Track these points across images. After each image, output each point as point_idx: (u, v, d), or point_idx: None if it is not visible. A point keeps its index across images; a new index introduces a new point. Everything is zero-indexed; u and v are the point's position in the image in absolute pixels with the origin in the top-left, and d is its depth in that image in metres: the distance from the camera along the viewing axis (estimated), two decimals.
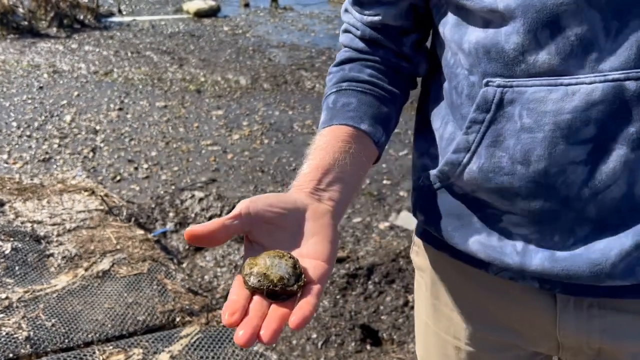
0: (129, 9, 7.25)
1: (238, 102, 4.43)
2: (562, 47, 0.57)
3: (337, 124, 0.68)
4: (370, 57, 0.74)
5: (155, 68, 5.11)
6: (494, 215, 0.68)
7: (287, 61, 5.42)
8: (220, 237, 0.54)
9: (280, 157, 3.56)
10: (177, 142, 3.72)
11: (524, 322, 0.74)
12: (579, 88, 0.57)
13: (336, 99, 0.71)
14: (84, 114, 4.09)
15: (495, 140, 0.63)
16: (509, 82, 0.61)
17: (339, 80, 0.73)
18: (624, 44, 0.55)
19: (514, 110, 0.61)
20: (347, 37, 0.76)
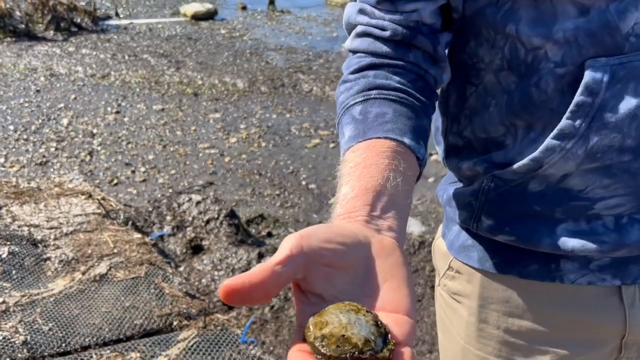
0: (126, 12, 7.25)
1: (235, 105, 4.43)
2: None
3: (374, 137, 0.57)
4: (398, 62, 0.65)
5: (152, 71, 5.11)
6: (582, 207, 0.65)
7: (284, 64, 5.43)
8: (269, 290, 0.41)
9: (278, 160, 3.56)
10: (175, 146, 3.72)
11: (590, 329, 0.72)
12: None
13: (365, 109, 0.61)
14: (81, 117, 4.09)
15: (607, 121, 0.60)
16: (619, 60, 0.58)
17: (364, 88, 0.63)
18: None
19: (626, 88, 0.59)
20: (365, 41, 0.66)
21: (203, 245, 2.50)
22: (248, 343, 1.90)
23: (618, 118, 0.60)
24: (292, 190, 3.22)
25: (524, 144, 0.66)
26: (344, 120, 0.62)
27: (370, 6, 0.66)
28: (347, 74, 0.66)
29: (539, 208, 0.67)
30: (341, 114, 0.63)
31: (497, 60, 0.66)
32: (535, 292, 0.72)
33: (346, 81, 0.66)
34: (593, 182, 0.64)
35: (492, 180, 0.68)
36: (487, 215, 0.71)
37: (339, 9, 7.63)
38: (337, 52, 5.85)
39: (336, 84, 4.88)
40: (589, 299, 0.71)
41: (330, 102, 4.54)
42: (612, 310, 0.70)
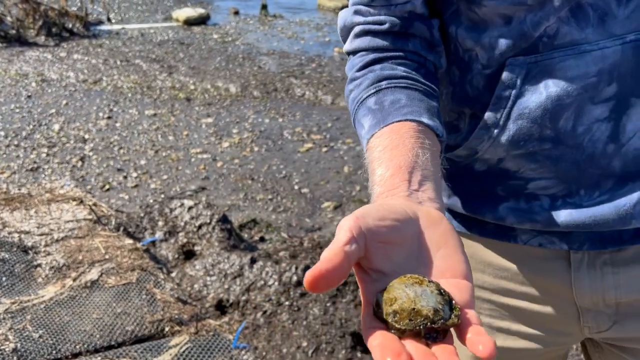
0: (118, 17, 7.23)
1: (228, 109, 4.43)
2: (581, 19, 0.63)
3: (394, 121, 0.61)
4: (400, 53, 0.69)
5: (144, 76, 5.10)
6: (518, 185, 0.72)
7: (277, 69, 5.43)
8: (344, 271, 0.43)
9: (270, 165, 3.56)
10: (167, 151, 3.71)
11: (543, 289, 0.76)
12: (600, 53, 0.63)
13: (379, 99, 0.65)
14: (72, 123, 4.07)
15: (522, 112, 0.67)
16: (534, 58, 0.65)
17: (373, 81, 0.67)
18: (635, 9, 0.62)
19: (538, 83, 0.65)
20: (364, 40, 0.70)
21: (195, 250, 2.49)
22: (240, 348, 1.89)
23: (532, 110, 0.66)
24: (285, 194, 3.22)
25: (467, 131, 0.73)
26: (360, 114, 0.66)
27: (364, 6, 0.70)
28: (354, 72, 0.70)
29: (484, 186, 0.75)
30: (355, 108, 0.68)
31: (451, 56, 0.73)
32: (494, 250, 0.78)
33: (354, 79, 0.70)
34: (523, 165, 0.70)
35: (445, 161, 0.72)
36: (444, 193, 0.77)
37: (331, 14, 7.66)
38: (330, 56, 5.86)
39: (328, 88, 4.89)
40: (539, 260, 0.75)
41: (322, 107, 4.54)
42: (560, 273, 0.74)
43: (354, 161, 3.61)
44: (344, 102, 4.58)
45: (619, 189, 0.68)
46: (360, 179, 3.39)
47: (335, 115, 4.34)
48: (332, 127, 4.13)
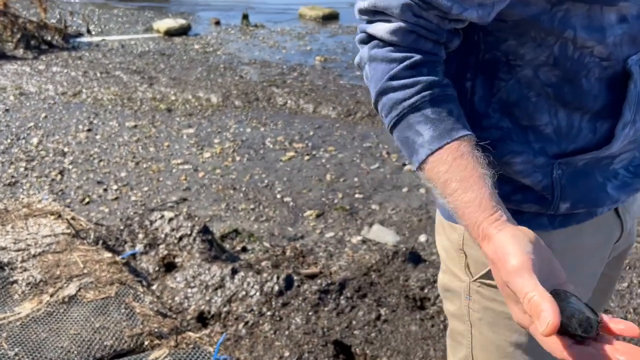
0: (98, 29, 7.19)
1: (209, 119, 4.42)
2: None
3: (457, 138, 0.69)
4: (437, 58, 0.73)
5: (125, 88, 5.07)
6: (608, 165, 0.82)
7: (258, 78, 5.43)
8: None
9: (253, 174, 3.55)
10: (148, 162, 3.69)
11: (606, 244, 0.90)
12: None
13: (436, 109, 0.70)
14: (51, 136, 4.03)
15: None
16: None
17: (425, 87, 0.70)
18: None
19: None
20: (408, 38, 0.71)
21: (176, 262, 2.47)
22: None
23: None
24: (267, 204, 3.21)
25: (573, 132, 0.78)
26: (413, 119, 0.71)
27: (419, 6, 0.70)
28: (399, 70, 0.71)
29: (594, 179, 0.82)
30: (406, 112, 0.71)
31: (542, 57, 0.74)
32: (579, 234, 0.86)
33: (398, 77, 0.71)
34: (626, 149, 0.81)
35: (559, 168, 0.79)
36: (564, 200, 0.81)
37: (312, 23, 7.68)
38: (311, 65, 5.88)
39: (310, 97, 4.90)
40: (607, 219, 0.88)
41: (304, 115, 4.55)
42: (614, 219, 0.90)
43: (335, 169, 3.61)
44: (326, 110, 4.59)
45: None
46: (342, 186, 3.40)
47: (317, 123, 4.35)
48: (313, 135, 4.14)
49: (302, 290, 2.25)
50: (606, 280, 1.01)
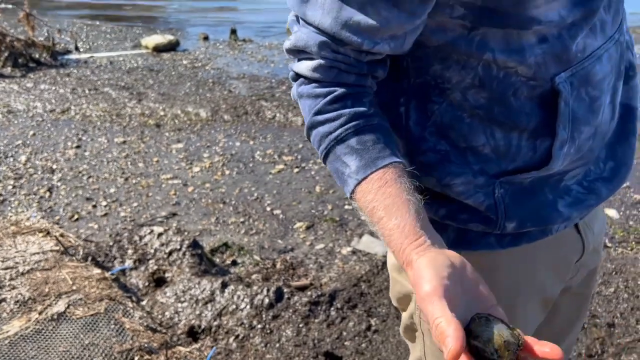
0: (86, 46, 7.20)
1: (198, 134, 4.43)
2: (594, 30, 0.75)
3: (383, 165, 0.70)
4: (362, 89, 0.75)
5: (113, 104, 5.07)
6: (558, 182, 0.83)
7: (247, 92, 5.46)
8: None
9: (242, 188, 3.56)
10: (137, 178, 3.69)
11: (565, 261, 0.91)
12: (607, 54, 0.77)
13: (361, 139, 0.72)
14: (40, 154, 4.02)
15: (579, 122, 0.77)
16: (570, 72, 0.74)
17: (350, 119, 0.72)
18: (614, 13, 0.78)
19: (581, 91, 0.76)
20: (330, 74, 0.73)
21: (166, 277, 2.47)
22: None
23: (584, 117, 0.77)
24: (257, 217, 3.22)
25: (512, 151, 0.79)
26: (340, 151, 0.72)
27: (334, 43, 0.71)
28: (323, 105, 0.73)
29: (539, 197, 0.82)
30: (332, 144, 0.73)
31: (468, 80, 0.76)
32: (533, 252, 0.88)
33: (323, 112, 0.73)
34: (574, 165, 0.83)
35: (501, 187, 0.80)
36: (510, 219, 0.82)
37: None
38: None
39: (299, 110, 4.91)
40: (564, 238, 0.89)
41: (293, 128, 4.57)
42: (575, 240, 0.92)
43: (325, 181, 3.63)
44: None
45: (613, 152, 0.85)
46: (331, 198, 3.41)
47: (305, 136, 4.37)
48: (303, 147, 4.16)
49: (292, 303, 2.25)
50: (579, 298, 1.02)
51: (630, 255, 2.69)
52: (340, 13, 0.69)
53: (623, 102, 0.86)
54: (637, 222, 3.07)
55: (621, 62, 0.82)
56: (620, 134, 0.86)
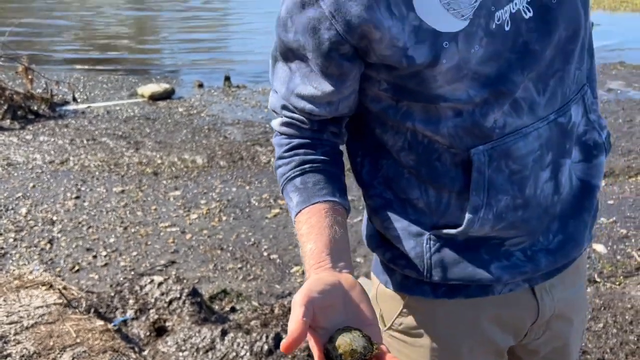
0: (84, 96, 7.37)
1: (195, 181, 4.53)
2: (518, 110, 0.83)
3: (315, 202, 0.85)
4: (317, 141, 0.90)
5: (111, 154, 5.18)
6: (497, 245, 0.90)
7: (242, 138, 5.59)
8: (305, 334, 0.67)
9: (239, 233, 3.64)
10: (136, 227, 3.76)
11: (515, 320, 0.96)
12: (537, 132, 0.84)
13: (304, 180, 0.87)
14: (40, 205, 4.10)
15: (497, 190, 0.85)
16: (490, 146, 0.83)
17: (299, 163, 0.89)
18: (550, 96, 0.84)
19: (501, 164, 0.84)
20: (290, 129, 0.90)
21: (167, 326, 2.52)
22: None
23: (504, 187, 0.85)
24: (254, 262, 3.29)
25: (442, 208, 0.89)
26: (288, 189, 0.89)
27: (290, 106, 0.89)
28: (282, 152, 0.91)
29: (472, 254, 0.90)
30: (284, 183, 0.90)
31: (400, 143, 0.89)
32: (476, 307, 0.95)
33: (283, 157, 0.91)
34: (505, 233, 0.89)
35: (430, 239, 0.90)
36: (437, 268, 0.91)
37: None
38: None
39: None
40: (512, 299, 0.95)
41: None
42: (528, 303, 0.96)
43: None
44: None
45: (565, 226, 0.91)
46: None
47: None
48: None
49: None
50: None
51: (618, 290, 2.76)
52: (289, 85, 0.87)
53: (582, 179, 0.92)
54: (625, 257, 3.16)
55: (565, 141, 0.87)
56: (576, 209, 0.91)
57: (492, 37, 0.78)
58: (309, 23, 0.79)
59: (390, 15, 0.76)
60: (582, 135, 0.91)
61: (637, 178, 4.25)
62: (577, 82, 0.88)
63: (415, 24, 0.76)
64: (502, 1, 0.78)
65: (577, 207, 0.92)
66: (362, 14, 0.76)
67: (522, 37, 0.80)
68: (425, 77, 0.78)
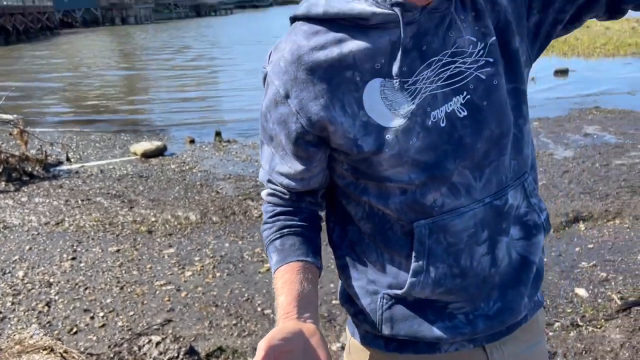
0: (77, 156, 7.53)
1: (189, 238, 4.63)
2: (456, 193, 0.97)
3: (291, 261, 1.00)
4: (297, 208, 1.08)
5: (106, 213, 5.30)
6: (441, 308, 1.02)
7: (234, 192, 5.74)
8: None
9: (233, 289, 3.73)
10: (132, 286, 3.84)
11: None
12: (472, 212, 0.98)
13: (283, 242, 1.04)
14: (36, 268, 4.18)
15: (435, 258, 0.98)
16: (431, 220, 0.97)
17: (279, 228, 1.06)
18: (487, 180, 0.98)
19: (439, 237, 0.98)
20: (274, 198, 1.09)
21: None
22: None
23: (441, 256, 0.99)
24: (249, 318, 3.37)
25: (394, 271, 1.04)
26: (270, 249, 1.05)
27: (274, 180, 1.07)
28: (267, 218, 1.09)
29: (419, 314, 1.03)
30: (267, 244, 1.06)
31: (360, 213, 1.05)
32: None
33: (267, 223, 1.09)
34: (445, 298, 1.02)
35: (384, 297, 1.05)
36: (387, 324, 1.06)
37: None
38: None
39: None
40: (461, 357, 1.07)
41: None
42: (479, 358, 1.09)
43: None
44: None
45: (504, 295, 1.04)
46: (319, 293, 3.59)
47: None
48: None
49: None
50: None
51: (599, 333, 2.88)
52: (271, 163, 1.06)
53: (522, 254, 1.05)
54: (605, 300, 3.29)
55: (501, 221, 1.00)
56: (514, 281, 1.04)
57: (428, 132, 0.94)
58: (280, 117, 0.99)
59: (344, 113, 0.94)
60: (523, 216, 1.04)
61: (614, 221, 4.42)
62: (515, 171, 1.01)
63: (364, 119, 0.94)
64: (438, 103, 0.93)
65: (515, 279, 1.04)
66: (319, 112, 0.95)
67: (457, 132, 0.95)
68: (373, 161, 0.96)
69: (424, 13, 0.92)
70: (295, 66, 0.94)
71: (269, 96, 0.99)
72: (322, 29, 0.94)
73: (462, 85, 0.94)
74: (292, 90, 0.95)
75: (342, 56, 0.92)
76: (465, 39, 0.94)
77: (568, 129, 7.39)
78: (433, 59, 0.93)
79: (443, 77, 0.93)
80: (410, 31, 0.91)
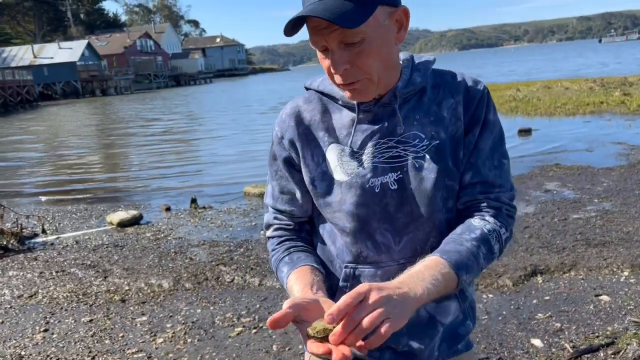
0: (53, 227, 7.59)
1: (161, 305, 4.71)
2: (378, 249, 1.23)
3: (300, 266, 1.24)
4: (298, 237, 1.36)
5: (80, 283, 5.36)
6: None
7: (207, 258, 5.85)
8: (288, 319, 0.96)
9: (204, 354, 3.80)
10: (103, 355, 3.89)
11: None
12: (388, 267, 1.23)
13: (291, 257, 1.29)
14: (8, 341, 4.20)
15: None
16: (356, 266, 1.26)
17: (287, 248, 1.33)
18: (403, 246, 1.23)
19: (361, 279, 1.24)
20: (279, 232, 1.37)
21: None
22: None
23: None
24: None
25: None
26: (280, 266, 1.30)
27: (279, 215, 1.38)
28: (274, 246, 1.36)
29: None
30: (277, 264, 1.32)
31: (318, 241, 1.40)
32: None
33: (274, 250, 1.36)
34: None
35: None
36: None
37: (256, 199, 8.38)
38: (256, 239, 6.38)
39: (256, 271, 5.33)
40: None
41: (251, 289, 4.92)
42: None
43: (281, 339, 3.92)
44: (270, 282, 5.01)
45: (410, 343, 1.27)
46: (288, 355, 3.68)
47: (262, 295, 4.72)
48: (260, 307, 4.48)
49: None
50: None
51: None
52: (274, 194, 1.38)
53: (430, 313, 1.26)
54: (559, 349, 3.45)
55: None
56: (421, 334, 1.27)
57: (364, 192, 1.22)
58: (277, 150, 1.35)
59: (312, 159, 1.29)
60: None
61: (570, 273, 4.64)
62: (433, 247, 1.19)
63: (324, 169, 1.27)
64: (377, 173, 1.22)
65: (421, 333, 1.26)
66: (299, 150, 1.30)
67: (386, 199, 1.22)
68: (325, 202, 1.27)
69: (378, 105, 1.22)
70: (290, 118, 1.31)
71: (272, 138, 1.36)
72: (316, 98, 1.31)
73: (398, 166, 1.21)
74: (286, 134, 1.31)
75: (320, 121, 1.28)
76: (412, 134, 1.21)
77: (530, 186, 7.73)
78: (379, 141, 1.22)
79: (385, 155, 1.21)
80: (367, 116, 1.23)
